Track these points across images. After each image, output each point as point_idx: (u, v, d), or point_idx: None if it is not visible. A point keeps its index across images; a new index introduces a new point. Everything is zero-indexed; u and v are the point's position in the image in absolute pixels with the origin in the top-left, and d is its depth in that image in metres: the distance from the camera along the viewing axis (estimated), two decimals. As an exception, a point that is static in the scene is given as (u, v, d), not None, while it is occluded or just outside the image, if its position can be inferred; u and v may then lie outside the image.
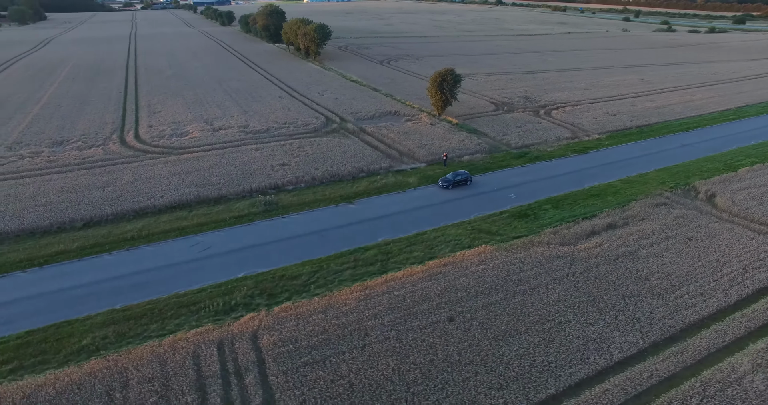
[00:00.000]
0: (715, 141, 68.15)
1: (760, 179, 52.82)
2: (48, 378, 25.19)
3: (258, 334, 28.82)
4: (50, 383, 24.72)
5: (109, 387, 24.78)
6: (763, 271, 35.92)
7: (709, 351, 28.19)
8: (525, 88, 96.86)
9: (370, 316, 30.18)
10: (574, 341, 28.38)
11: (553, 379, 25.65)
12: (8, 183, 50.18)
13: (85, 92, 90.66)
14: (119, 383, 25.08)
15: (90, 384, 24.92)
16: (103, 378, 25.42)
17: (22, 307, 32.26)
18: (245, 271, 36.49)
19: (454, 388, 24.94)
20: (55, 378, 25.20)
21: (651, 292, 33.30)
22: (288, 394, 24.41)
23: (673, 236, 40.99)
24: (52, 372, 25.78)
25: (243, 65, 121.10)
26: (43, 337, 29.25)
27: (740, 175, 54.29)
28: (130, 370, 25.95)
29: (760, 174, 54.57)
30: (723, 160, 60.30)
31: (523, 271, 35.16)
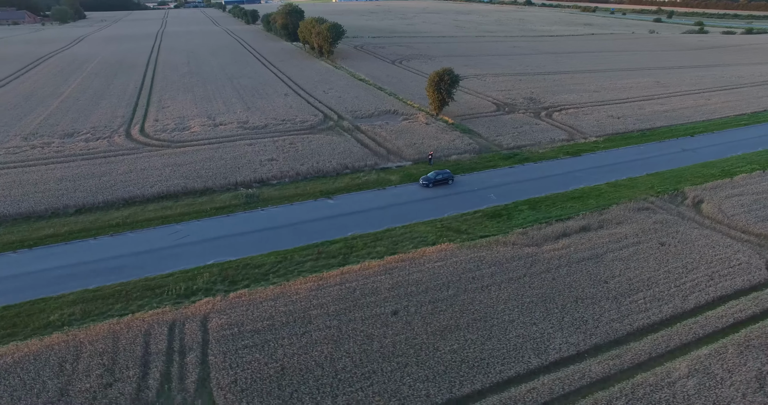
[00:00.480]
0: (720, 146, 65.93)
1: (754, 186, 51.03)
2: (9, 348, 27.47)
3: (209, 317, 30.39)
4: (10, 353, 26.97)
5: (62, 359, 26.81)
6: (729, 278, 35.03)
7: (650, 355, 27.91)
8: (532, 89, 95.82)
9: (317, 305, 31.30)
10: (513, 340, 28.64)
11: (481, 375, 26.08)
12: (16, 171, 53.82)
13: (104, 87, 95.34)
14: (72, 356, 27.08)
15: (46, 355, 27.03)
16: (59, 350, 27.50)
17: (5, 284, 34.91)
18: (214, 258, 38.21)
19: (381, 377, 25.75)
20: (16, 348, 27.47)
21: (606, 295, 33.05)
22: (222, 374, 25.81)
23: (645, 241, 40.32)
24: (15, 343, 28.07)
25: (257, 63, 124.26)
26: (16, 312, 31.68)
27: (735, 182, 52.57)
28: (84, 345, 27.94)
29: (756, 181, 52.69)
30: (722, 166, 58.41)
31: (480, 269, 35.47)
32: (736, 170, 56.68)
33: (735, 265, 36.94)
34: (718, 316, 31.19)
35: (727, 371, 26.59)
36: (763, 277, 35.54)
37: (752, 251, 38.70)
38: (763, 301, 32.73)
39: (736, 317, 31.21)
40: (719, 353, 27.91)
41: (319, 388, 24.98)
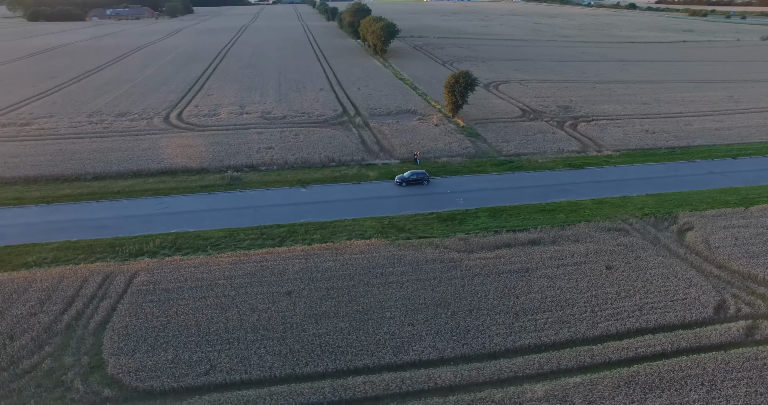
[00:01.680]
0: (759, 173, 58.08)
1: (761, 221, 45.02)
2: (-19, 276, 34.56)
3: (138, 274, 35.14)
4: (-20, 279, 33.99)
5: (14, 289, 33.04)
6: (661, 312, 32.05)
7: (515, 374, 26.92)
8: (574, 97, 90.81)
9: (227, 276, 34.65)
10: (380, 335, 29.45)
11: (329, 360, 27.45)
12: (66, 141, 64.24)
13: (170, 75, 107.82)
14: (23, 288, 33.20)
15: (6, 284, 33.51)
16: (16, 283, 33.80)
17: (13, 230, 42.93)
18: (177, 228, 43.28)
19: (241, 344, 28.34)
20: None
21: (508, 310, 32.13)
22: (120, 319, 30.17)
23: (591, 262, 37.96)
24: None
25: (313, 58, 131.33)
26: (8, 252, 38.92)
27: (747, 213, 46.63)
28: (37, 281, 34.04)
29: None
30: (745, 193, 51.78)
31: (392, 267, 36.33)
32: (758, 200, 50.14)
33: (679, 299, 33.64)
34: (619, 348, 28.94)
35: (586, 403, 25.29)
36: (703, 316, 32.03)
37: (711, 288, 34.83)
38: (683, 340, 29.71)
39: (638, 352, 28.77)
40: (591, 384, 26.22)
41: (185, 345, 28.31)
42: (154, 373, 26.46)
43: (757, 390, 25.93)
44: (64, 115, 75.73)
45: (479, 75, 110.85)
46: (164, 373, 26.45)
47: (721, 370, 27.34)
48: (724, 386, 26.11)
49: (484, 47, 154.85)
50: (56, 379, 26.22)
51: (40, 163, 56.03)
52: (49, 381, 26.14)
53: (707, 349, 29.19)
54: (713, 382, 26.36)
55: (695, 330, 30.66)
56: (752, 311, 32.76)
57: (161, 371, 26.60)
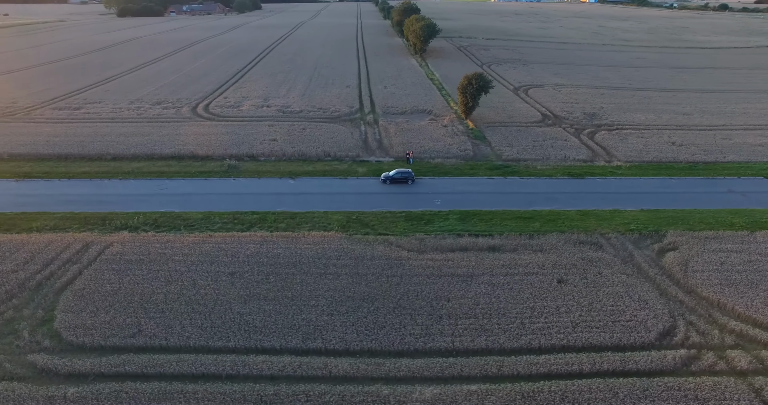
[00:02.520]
0: (787, 195, 52.49)
1: (760, 247, 40.76)
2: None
3: (112, 244, 39.06)
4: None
5: (9, 249, 38.06)
6: (597, 331, 30.37)
7: (413, 375, 27.03)
8: (606, 104, 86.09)
9: (186, 254, 37.55)
10: (298, 321, 30.67)
11: (241, 338, 29.17)
12: (102, 124, 71.38)
13: (214, 68, 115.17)
14: (16, 248, 38.16)
15: (5, 244, 38.71)
16: (13, 243, 38.89)
17: (31, 199, 48.89)
18: (165, 208, 47.13)
19: (170, 314, 30.90)
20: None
21: (432, 312, 32.00)
22: (80, 282, 33.91)
23: (544, 274, 36.63)
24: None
25: (353, 56, 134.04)
26: (21, 217, 44.62)
27: (749, 237, 42.39)
28: (29, 244, 38.89)
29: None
30: (758, 216, 46.91)
31: (336, 259, 37.41)
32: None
33: (622, 321, 31.70)
34: (532, 363, 27.95)
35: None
36: (642, 341, 30.00)
37: (666, 313, 32.43)
38: (606, 362, 28.06)
39: (552, 368, 27.62)
40: (484, 394, 25.65)
41: (124, 310, 31.32)
42: (89, 331, 29.69)
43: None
44: (110, 102, 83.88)
45: (514, 78, 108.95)
46: (97, 332, 29.62)
47: (634, 397, 25.82)
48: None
49: (531, 50, 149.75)
50: (11, 327, 30.27)
51: (74, 143, 62.91)
52: (5, 328, 30.25)
53: (630, 374, 27.58)
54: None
55: (626, 354, 28.96)
56: (702, 341, 30.31)
57: (95, 330, 29.79)
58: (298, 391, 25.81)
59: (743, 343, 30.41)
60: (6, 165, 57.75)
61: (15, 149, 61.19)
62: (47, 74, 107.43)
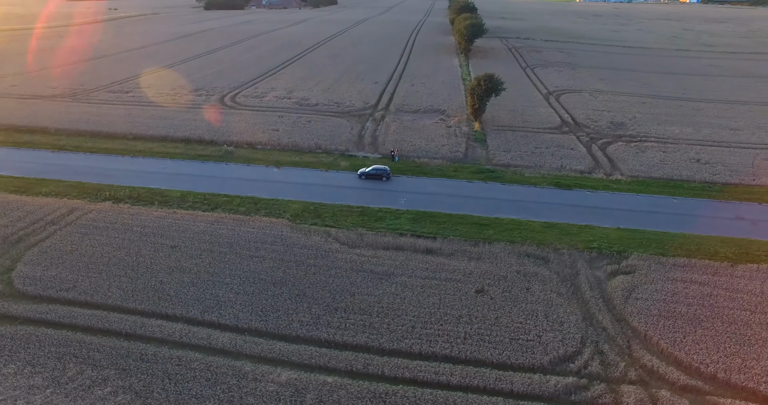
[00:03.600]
0: (808, 229, 45.78)
1: (745, 283, 36.21)
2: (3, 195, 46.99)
3: (91, 212, 44.31)
4: (2, 196, 46.46)
5: (14, 207, 44.63)
6: (488, 347, 29.54)
7: (282, 358, 28.62)
8: (640, 114, 79.53)
9: (145, 226, 41.74)
10: (207, 295, 33.30)
11: (152, 303, 32.40)
12: (138, 107, 79.27)
13: (260, 59, 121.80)
14: (16, 207, 44.69)
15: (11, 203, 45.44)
16: (18, 203, 45.57)
17: (56, 168, 56.29)
18: (157, 185, 52.01)
19: (104, 275, 34.94)
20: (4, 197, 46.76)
21: (330, 303, 32.99)
22: (49, 241, 39.16)
23: (468, 282, 35.82)
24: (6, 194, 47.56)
25: (397, 53, 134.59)
26: (35, 182, 51.86)
27: (728, 270, 38.02)
28: (29, 204, 45.36)
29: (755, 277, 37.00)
30: (753, 248, 41.69)
31: (270, 244, 39.47)
32: (764, 258, 40.14)
33: (523, 339, 30.31)
34: (400, 366, 28.10)
35: (316, 400, 25.71)
36: (532, 363, 28.60)
37: (578, 339, 30.43)
38: (479, 377, 27.37)
39: (417, 375, 27.53)
40: (337, 387, 26.44)
41: (70, 267, 35.83)
42: (36, 282, 34.45)
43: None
44: (156, 87, 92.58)
45: (552, 82, 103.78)
46: (41, 284, 34.27)
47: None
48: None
49: (588, 53, 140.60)
50: (-20, 272, 36.01)
51: (105, 122, 70.91)
52: (-24, 272, 36.05)
53: (499, 393, 26.81)
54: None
55: (505, 372, 27.98)
56: (600, 372, 28.31)
57: (41, 282, 34.48)
58: (173, 356, 28.34)
59: (647, 380, 27.99)
60: (49, 138, 66.70)
61: (62, 125, 70.33)
62: (119, 61, 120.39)
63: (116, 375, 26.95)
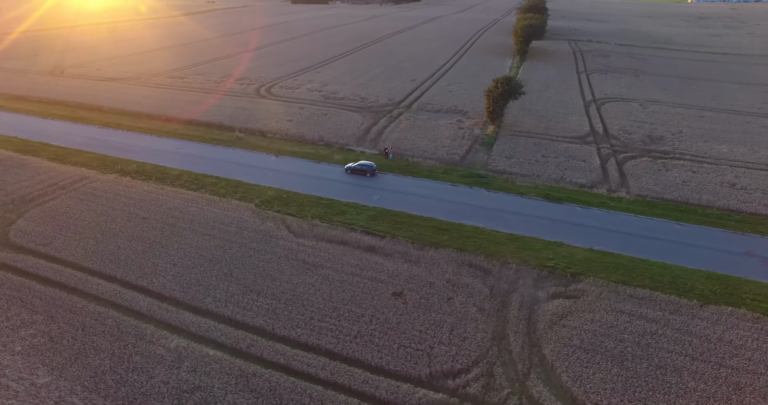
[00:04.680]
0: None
1: (688, 323, 31.81)
2: (36, 158, 54.86)
3: (97, 181, 50.31)
4: (39, 158, 54.30)
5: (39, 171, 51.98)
6: (373, 348, 29.44)
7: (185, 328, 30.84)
8: (688, 129, 71.15)
9: (130, 197, 46.61)
10: (149, 263, 36.67)
11: (107, 267, 36.26)
12: (182, 91, 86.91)
13: (314, 52, 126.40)
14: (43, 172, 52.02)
15: (46, 168, 52.87)
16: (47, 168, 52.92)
17: (94, 141, 64.11)
18: (166, 163, 57.24)
19: (78, 236, 39.77)
20: (38, 160, 54.53)
21: (249, 285, 34.78)
22: (53, 202, 45.39)
23: (391, 284, 35.51)
24: (47, 161, 55.33)
25: (451, 52, 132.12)
26: (72, 151, 59.62)
27: (690, 309, 33.62)
28: (54, 171, 52.60)
29: (721, 322, 32.09)
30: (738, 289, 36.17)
31: (225, 225, 42.15)
32: (741, 302, 34.63)
33: (414, 348, 29.62)
34: (278, 351, 29.26)
35: (191, 370, 27.49)
36: (410, 373, 28.03)
37: (473, 358, 29.12)
38: (346, 376, 27.46)
39: (291, 364, 28.51)
40: (214, 360, 28.21)
41: (53, 225, 41.27)
42: (24, 235, 40.31)
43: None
44: (208, 75, 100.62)
45: (603, 89, 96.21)
46: (27, 237, 40.03)
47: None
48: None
49: (663, 60, 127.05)
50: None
51: (147, 104, 78.89)
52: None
53: (356, 394, 26.91)
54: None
55: (377, 377, 27.90)
56: (479, 395, 27.02)
57: (27, 235, 40.27)
58: (95, 311, 32.05)
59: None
60: (101, 115, 75.89)
61: (114, 104, 79.51)
62: (190, 50, 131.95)
63: (43, 320, 31.02)
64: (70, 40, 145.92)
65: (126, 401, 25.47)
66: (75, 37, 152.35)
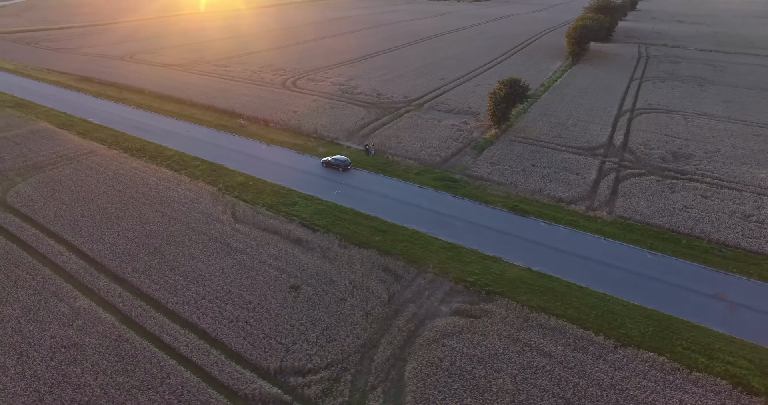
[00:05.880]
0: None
1: (580, 361, 28.39)
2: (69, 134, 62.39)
3: (98, 156, 56.14)
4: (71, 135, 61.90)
5: (58, 142, 59.11)
6: (229, 332, 30.10)
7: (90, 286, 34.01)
8: (729, 148, 62.38)
9: (116, 172, 51.64)
10: (95, 228, 40.61)
11: (58, 226, 40.80)
12: (218, 79, 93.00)
13: (362, 46, 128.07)
14: (62, 142, 59.07)
15: (69, 140, 60.16)
16: (64, 140, 60.08)
17: (119, 118, 71.40)
18: (166, 143, 62.35)
19: (56, 201, 44.83)
20: (64, 135, 62.04)
21: (168, 262, 37.11)
22: (55, 170, 51.43)
23: (295, 276, 36.00)
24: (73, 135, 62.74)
25: (501, 52, 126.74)
26: (96, 126, 66.96)
27: (598, 349, 30.27)
28: (71, 142, 59.52)
29: (626, 367, 28.29)
30: (677, 334, 31.64)
31: (180, 204, 45.30)
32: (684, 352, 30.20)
33: (274, 338, 30.12)
34: (156, 321, 31.07)
35: (81, 328, 30.42)
36: (261, 365, 28.45)
37: (326, 358, 29.01)
38: (197, 353, 28.63)
39: (165, 339, 30.17)
40: (104, 323, 30.80)
41: (45, 191, 47.05)
42: (17, 198, 46.59)
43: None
44: (249, 64, 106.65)
45: (651, 98, 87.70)
46: (18, 199, 46.24)
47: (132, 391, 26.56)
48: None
49: (747, 67, 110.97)
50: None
51: (180, 89, 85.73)
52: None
53: (200, 371, 27.95)
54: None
55: (227, 361, 28.80)
56: (311, 394, 26.68)
57: (20, 198, 46.46)
58: (25, 263, 36.65)
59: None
60: (140, 97, 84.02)
61: (155, 88, 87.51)
62: (245, 41, 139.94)
63: (-13, 268, 35.99)
64: (151, 29, 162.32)
65: (9, 348, 28.98)
66: (156, 26, 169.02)
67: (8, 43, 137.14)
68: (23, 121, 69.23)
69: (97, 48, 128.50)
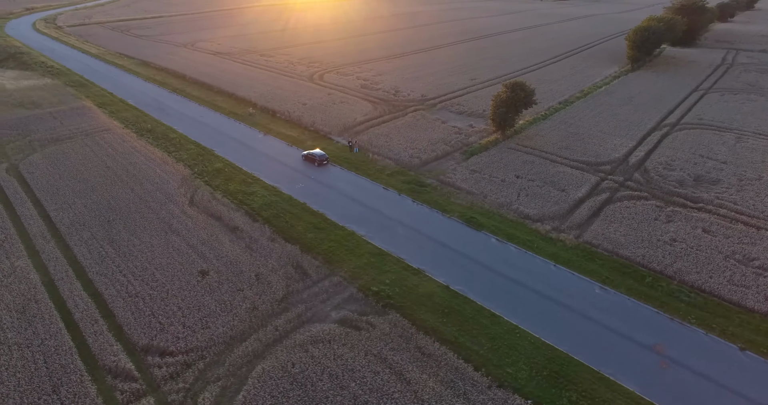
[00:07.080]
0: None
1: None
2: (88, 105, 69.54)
3: (110, 133, 61.90)
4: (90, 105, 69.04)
5: (80, 117, 66.01)
6: (129, 311, 31.70)
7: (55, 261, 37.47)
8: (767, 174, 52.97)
9: (116, 150, 56.81)
10: (78, 200, 44.62)
11: (48, 196, 45.67)
12: (253, 67, 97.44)
13: (410, 42, 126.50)
14: (85, 117, 65.83)
15: (96, 117, 67.14)
16: (89, 116, 66.92)
17: (147, 99, 77.86)
18: (176, 126, 67.01)
19: (60, 179, 50.18)
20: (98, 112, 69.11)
21: (113, 236, 39.98)
22: (69, 144, 57.70)
23: (210, 262, 36.88)
24: (101, 113, 69.76)
25: (550, 55, 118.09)
26: (124, 105, 73.66)
27: (476, 392, 27.57)
28: (94, 118, 66.10)
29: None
30: (583, 385, 27.83)
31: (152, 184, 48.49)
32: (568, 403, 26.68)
33: (161, 321, 31.14)
34: (74, 297, 33.57)
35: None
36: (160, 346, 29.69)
37: (200, 343, 29.66)
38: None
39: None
40: (24, 294, 34.09)
41: (51, 162, 52.86)
42: (27, 165, 52.96)
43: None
44: (290, 56, 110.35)
45: (708, 113, 77.44)
46: (27, 166, 52.60)
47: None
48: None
49: None
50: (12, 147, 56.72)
51: (218, 77, 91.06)
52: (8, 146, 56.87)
53: (80, 339, 29.66)
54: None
55: (108, 333, 30.52)
56: (158, 375, 27.35)
57: (29, 165, 52.84)
58: (3, 219, 41.14)
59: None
60: (178, 82, 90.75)
61: (195, 74, 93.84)
62: (298, 32, 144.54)
63: (-28, 224, 41.51)
64: (226, 19, 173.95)
65: (-54, 292, 33.42)
66: (233, 16, 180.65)
67: (107, 31, 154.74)
68: (73, 99, 78.36)
69: (170, 36, 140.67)
